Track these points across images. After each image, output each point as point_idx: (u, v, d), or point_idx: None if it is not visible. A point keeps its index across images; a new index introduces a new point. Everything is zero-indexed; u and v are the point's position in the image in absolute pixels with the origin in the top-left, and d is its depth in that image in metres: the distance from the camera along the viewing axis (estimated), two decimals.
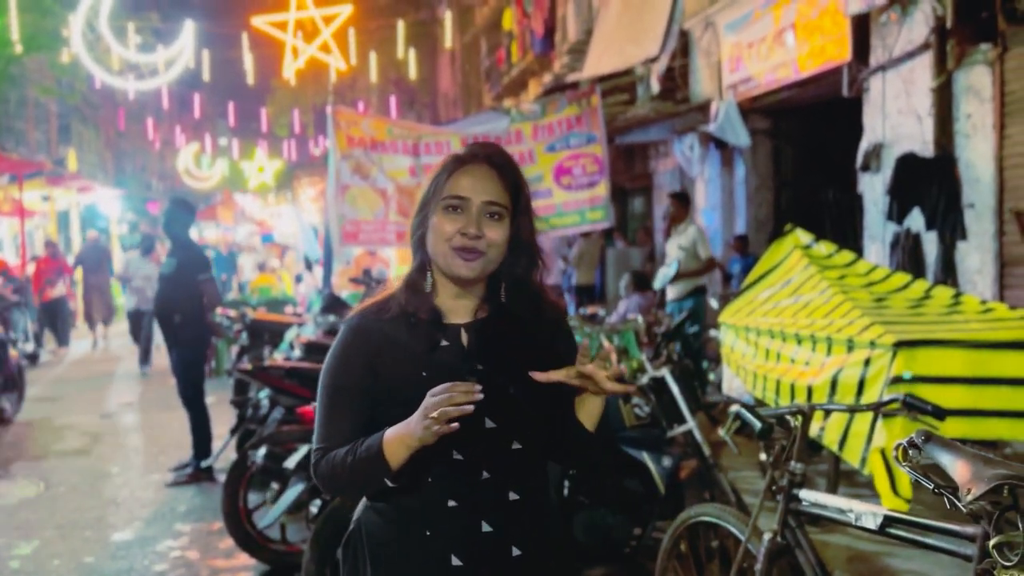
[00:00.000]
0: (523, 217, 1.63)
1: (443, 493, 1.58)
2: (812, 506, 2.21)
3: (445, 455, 1.55)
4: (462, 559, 1.57)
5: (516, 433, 1.60)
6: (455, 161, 1.62)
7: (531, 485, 1.64)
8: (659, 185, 13.06)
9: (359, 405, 1.61)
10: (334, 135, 7.61)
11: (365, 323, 1.65)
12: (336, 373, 1.63)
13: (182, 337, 5.89)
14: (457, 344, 1.62)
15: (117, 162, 35.21)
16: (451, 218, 1.57)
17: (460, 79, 27.01)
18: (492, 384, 1.55)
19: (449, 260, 1.58)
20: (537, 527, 1.64)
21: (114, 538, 4.81)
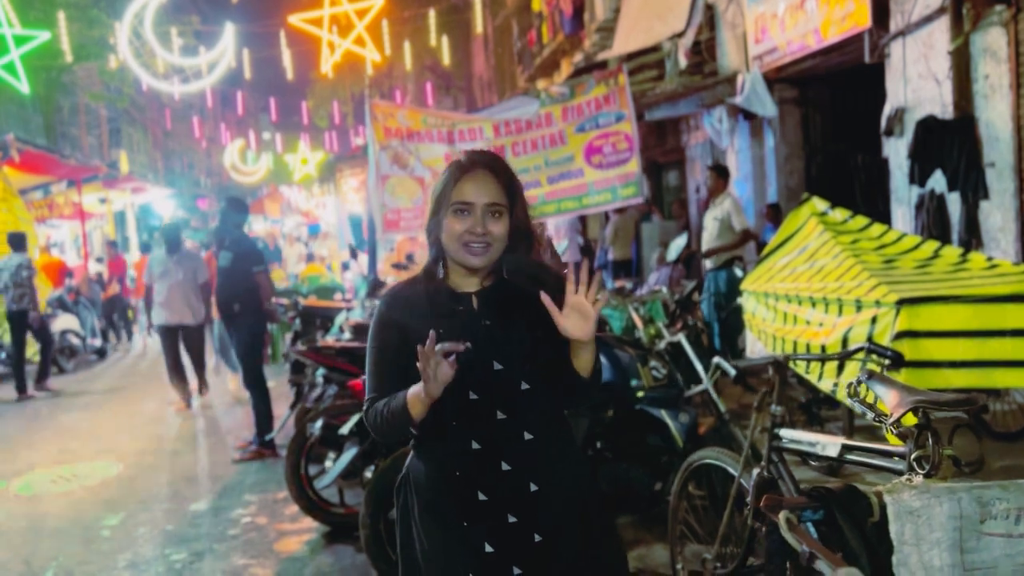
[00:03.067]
0: (518, 210, 1.97)
1: (467, 436, 1.92)
2: (790, 442, 2.53)
3: (462, 395, 1.89)
4: (487, 495, 1.90)
5: (522, 374, 1.93)
6: (458, 169, 1.96)
7: (544, 425, 1.96)
8: (691, 158, 13.23)
9: (396, 361, 1.96)
10: (372, 127, 7.98)
11: (395, 297, 2.03)
12: (377, 336, 2.01)
13: (242, 325, 6.38)
14: (469, 307, 1.97)
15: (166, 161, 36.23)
16: (460, 220, 1.92)
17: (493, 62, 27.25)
18: (497, 334, 1.92)
19: (462, 254, 1.93)
20: (552, 465, 1.95)
21: (191, 508, 5.31)
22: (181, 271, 8.24)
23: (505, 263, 1.96)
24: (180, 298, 8.24)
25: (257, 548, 4.54)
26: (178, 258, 8.34)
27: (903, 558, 1.51)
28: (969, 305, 4.01)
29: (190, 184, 36.22)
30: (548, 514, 1.92)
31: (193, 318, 8.34)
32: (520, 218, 1.97)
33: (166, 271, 8.26)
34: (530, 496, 1.91)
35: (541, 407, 1.96)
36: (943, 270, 4.63)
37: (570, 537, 1.94)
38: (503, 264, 1.96)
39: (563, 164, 8.21)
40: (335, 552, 4.41)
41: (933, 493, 1.54)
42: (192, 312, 8.31)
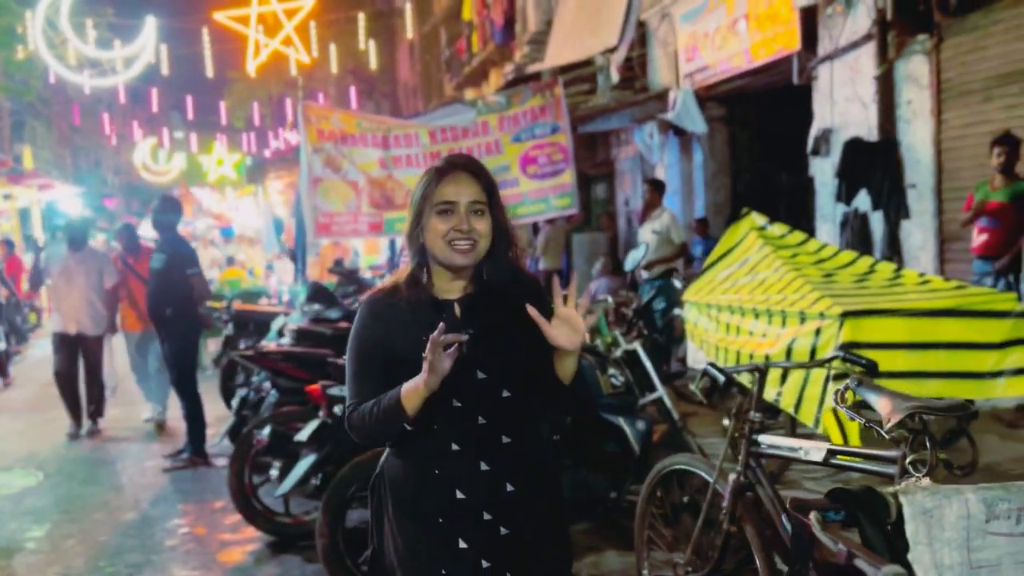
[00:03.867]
0: (497, 210, 2.01)
1: (447, 438, 1.95)
2: (769, 448, 2.60)
3: (446, 403, 1.92)
4: (465, 493, 1.94)
5: (504, 382, 1.97)
6: (437, 173, 1.98)
7: (522, 430, 2.00)
8: (620, 172, 13.46)
9: (379, 367, 1.98)
10: (304, 129, 7.84)
11: (378, 303, 2.03)
12: (359, 342, 2.02)
13: (174, 330, 6.15)
14: (451, 316, 1.99)
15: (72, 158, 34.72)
16: (444, 219, 1.94)
17: (420, 69, 27.17)
18: (480, 343, 1.94)
19: (448, 253, 1.95)
20: (527, 467, 2.01)
21: (123, 519, 5.08)
22: (84, 272, 7.17)
23: (486, 268, 2.00)
24: (81, 303, 7.16)
25: (199, 559, 4.38)
26: (81, 257, 7.26)
27: (917, 556, 1.58)
28: (907, 319, 4.21)
29: (97, 182, 34.79)
30: (520, 512, 1.98)
31: (94, 327, 7.27)
32: (499, 217, 2.01)
33: (66, 271, 7.18)
34: (506, 496, 1.96)
35: (520, 414, 2.00)
36: (880, 285, 4.84)
37: (532, 533, 2.00)
38: (484, 269, 2.00)
39: (499, 173, 8.22)
40: (282, 562, 4.29)
41: (944, 494, 1.61)
42: (94, 320, 7.25)
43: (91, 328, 7.27)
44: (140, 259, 7.39)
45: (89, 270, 7.21)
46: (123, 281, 7.44)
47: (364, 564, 3.68)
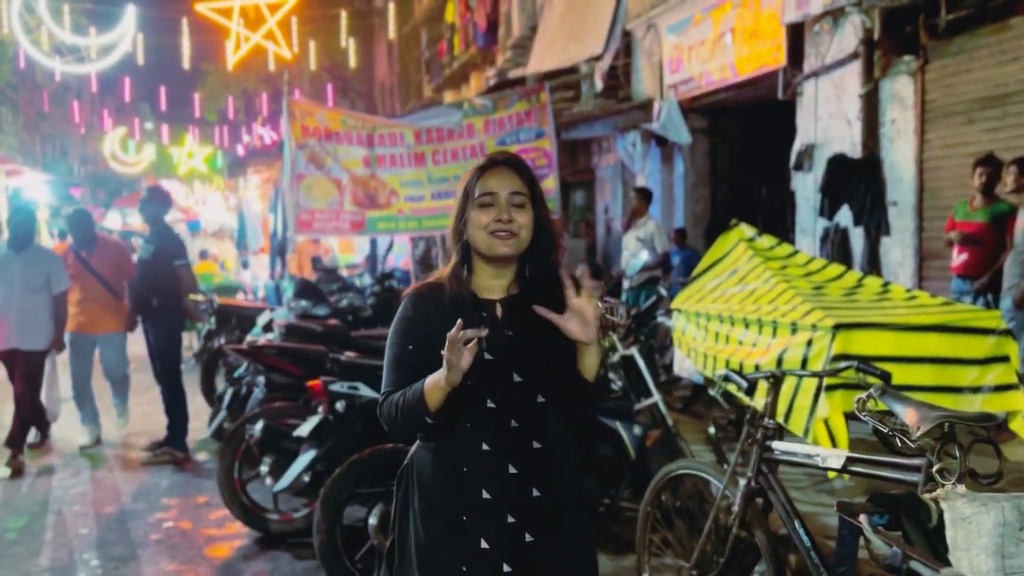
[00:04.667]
0: (540, 206, 2.03)
1: (478, 438, 1.96)
2: (784, 454, 2.64)
3: (480, 403, 1.93)
4: (491, 494, 1.95)
5: (540, 387, 1.98)
6: (479, 169, 2.03)
7: (553, 437, 2.01)
8: (601, 179, 13.54)
9: (415, 359, 1.99)
10: (289, 125, 7.80)
11: (420, 297, 2.05)
12: (399, 333, 2.04)
13: (159, 320, 6.08)
14: (492, 315, 2.01)
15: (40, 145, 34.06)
16: (486, 211, 1.97)
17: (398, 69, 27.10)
18: (519, 346, 1.97)
19: (489, 243, 1.97)
20: (555, 474, 2.01)
21: (105, 511, 5.01)
22: (26, 275, 5.94)
23: (528, 266, 2.02)
24: (23, 311, 5.94)
25: (186, 553, 4.33)
26: (27, 257, 6.01)
27: (955, 561, 1.62)
28: (895, 332, 4.29)
29: (64, 171, 34.16)
30: (545, 519, 1.98)
31: (37, 341, 6.02)
32: (542, 214, 2.03)
33: (5, 271, 5.95)
34: (532, 501, 1.97)
35: (553, 418, 2.02)
36: (869, 299, 4.93)
37: (557, 542, 2.00)
38: (528, 259, 2.01)
39: None
40: (272, 559, 4.25)
41: (981, 501, 1.66)
42: (37, 332, 6.01)
43: (34, 342, 6.01)
44: (95, 252, 6.47)
45: (32, 273, 5.97)
46: (74, 278, 6.32)
47: (361, 561, 3.67)
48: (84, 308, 6.40)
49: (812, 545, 2.48)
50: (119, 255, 6.70)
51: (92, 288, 6.41)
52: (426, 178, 8.35)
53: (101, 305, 6.45)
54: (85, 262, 6.43)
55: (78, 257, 6.46)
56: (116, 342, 6.60)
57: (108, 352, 6.58)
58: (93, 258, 6.47)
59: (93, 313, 6.43)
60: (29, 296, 5.96)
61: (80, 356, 6.51)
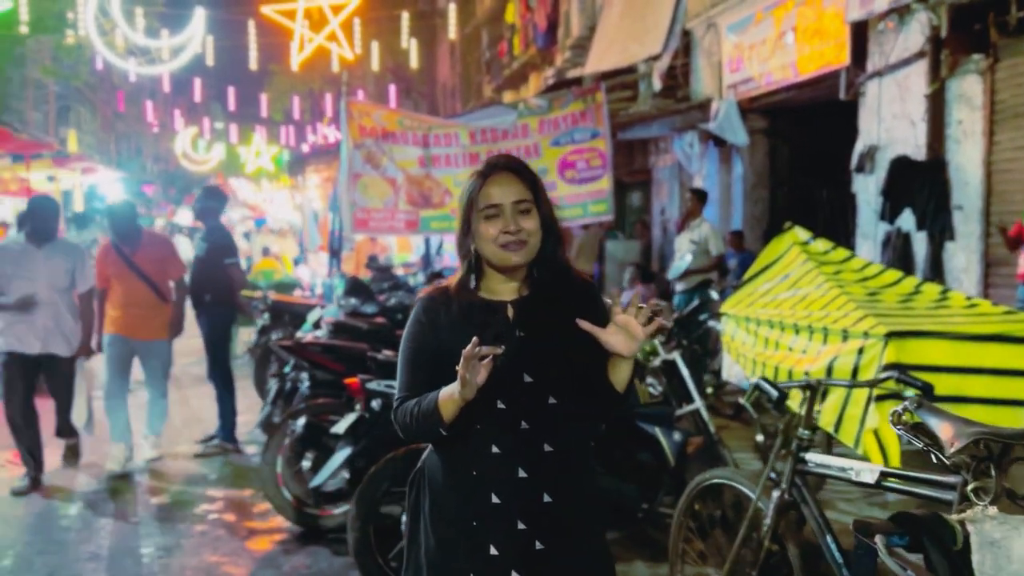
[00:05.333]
0: (544, 206, 1.99)
1: (488, 440, 1.93)
2: (817, 466, 2.55)
3: (490, 404, 1.90)
4: (500, 498, 1.91)
5: (551, 388, 1.94)
6: (480, 176, 1.97)
7: (566, 440, 1.97)
8: (658, 180, 13.39)
9: (429, 363, 1.98)
10: (347, 125, 7.90)
11: (434, 301, 2.03)
12: (411, 337, 2.02)
13: (211, 316, 6.22)
14: (503, 317, 1.98)
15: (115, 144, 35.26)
16: (492, 223, 1.93)
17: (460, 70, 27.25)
18: (530, 348, 1.94)
19: (500, 255, 1.94)
20: (568, 480, 1.96)
21: (154, 501, 5.14)
22: (50, 271, 5.39)
23: (536, 268, 1.99)
24: (49, 312, 5.37)
25: (228, 546, 4.41)
26: (49, 252, 5.42)
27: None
28: (952, 342, 4.12)
29: (137, 169, 35.30)
30: (557, 525, 1.94)
31: (64, 345, 5.49)
32: (546, 213, 1.99)
33: (25, 268, 5.34)
34: (542, 506, 1.93)
35: (566, 421, 1.97)
36: (925, 306, 4.75)
37: (570, 549, 1.96)
38: (535, 269, 1.98)
39: None
40: (311, 554, 4.30)
41: (1012, 525, 1.56)
42: (63, 336, 5.47)
43: (61, 347, 5.49)
44: (138, 248, 5.80)
45: (56, 271, 5.42)
46: (117, 276, 5.73)
47: (394, 560, 3.68)
48: (126, 310, 5.74)
49: (845, 562, 2.39)
50: (165, 252, 6.00)
51: (135, 288, 5.74)
52: None
53: (144, 308, 5.77)
54: (127, 259, 5.76)
55: (120, 253, 5.78)
56: (159, 350, 5.92)
57: (149, 360, 5.92)
58: (136, 255, 5.80)
59: (135, 316, 5.74)
60: (55, 295, 5.40)
61: (116, 361, 5.78)
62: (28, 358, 5.41)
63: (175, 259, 6.05)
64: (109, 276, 5.77)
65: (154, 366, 5.96)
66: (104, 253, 5.88)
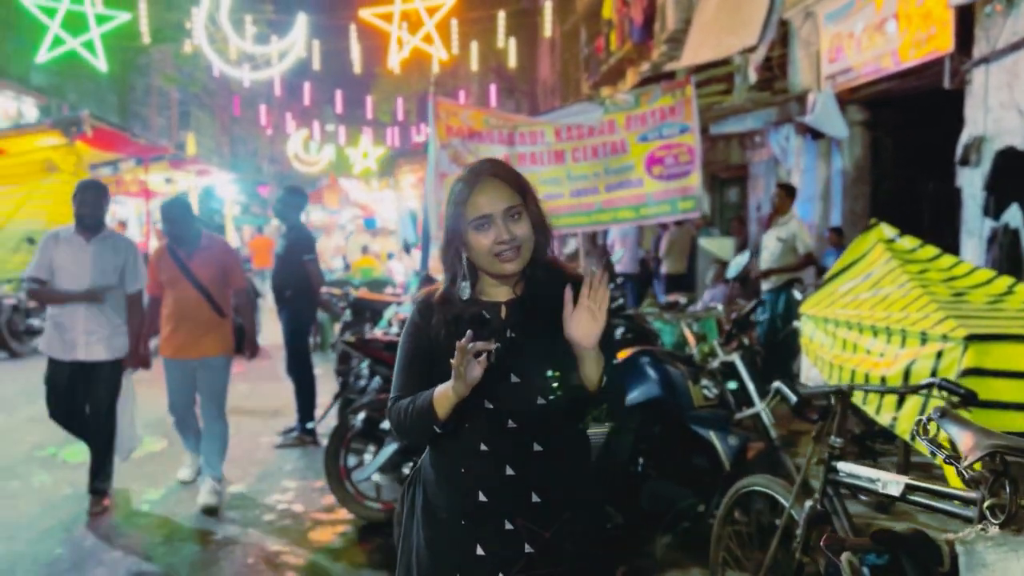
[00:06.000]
0: (532, 207, 1.95)
1: (476, 438, 1.91)
2: (848, 476, 2.41)
3: (478, 403, 1.87)
4: (487, 496, 1.90)
5: (539, 390, 1.90)
6: (466, 185, 1.93)
7: (556, 440, 1.93)
8: (754, 175, 13.00)
9: (422, 365, 1.98)
10: (434, 125, 8.00)
11: (428, 303, 2.02)
12: (407, 339, 2.03)
13: (291, 310, 6.43)
14: (496, 318, 1.96)
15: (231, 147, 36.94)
16: (483, 234, 1.89)
17: (559, 67, 27.21)
18: (520, 348, 1.91)
19: (496, 265, 1.91)
20: (558, 479, 1.92)
21: (229, 490, 5.34)
22: (98, 267, 4.84)
23: (528, 268, 1.95)
24: (93, 313, 4.83)
25: (291, 536, 4.54)
26: (99, 245, 4.87)
27: None
28: None
29: (252, 170, 36.88)
30: (545, 527, 1.90)
31: (108, 351, 4.90)
32: (535, 215, 1.95)
33: (71, 263, 4.80)
34: (530, 506, 1.90)
35: (555, 422, 1.94)
36: (1017, 308, 4.42)
37: (561, 554, 1.91)
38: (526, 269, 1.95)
39: (623, 173, 8.12)
40: (368, 546, 4.38)
41: (1011, 547, 1.43)
42: (110, 340, 4.90)
43: (105, 353, 4.90)
44: (195, 253, 5.09)
45: (104, 265, 4.86)
46: (170, 283, 5.06)
47: None
48: (178, 325, 5.05)
49: None
50: (226, 260, 5.24)
51: (188, 298, 5.04)
52: (565, 175, 8.32)
53: (198, 322, 5.05)
54: (182, 264, 5.05)
55: (175, 257, 5.07)
56: (214, 368, 5.14)
57: (203, 379, 5.17)
58: (193, 261, 5.08)
59: (188, 332, 5.05)
60: (103, 295, 4.86)
61: (178, 384, 5.20)
62: (67, 365, 4.83)
63: (237, 268, 5.36)
64: (162, 282, 5.10)
65: (211, 387, 5.19)
66: (158, 256, 5.16)
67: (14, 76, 17.02)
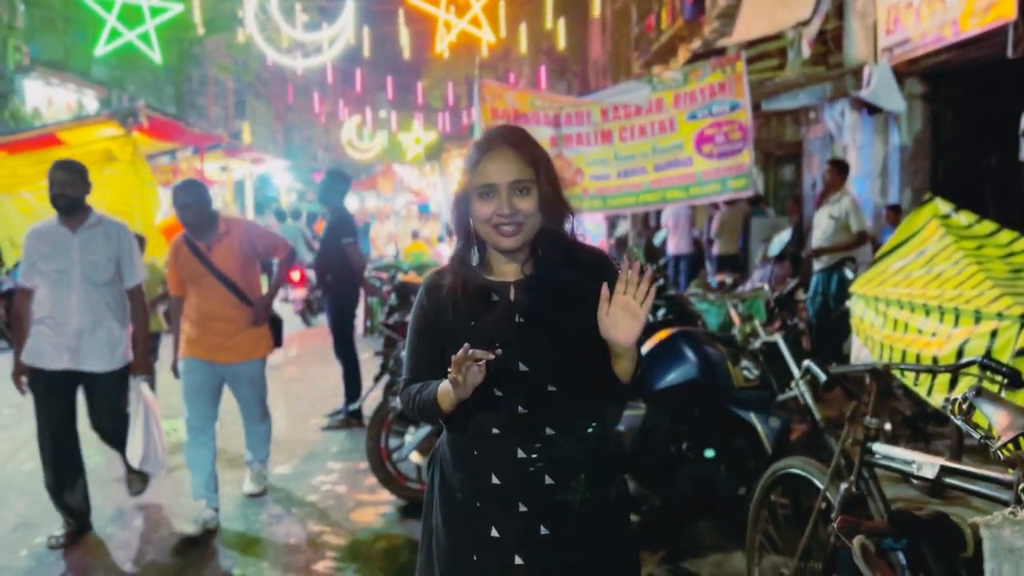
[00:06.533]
0: (545, 183, 1.86)
1: (487, 423, 1.88)
2: (883, 458, 2.32)
3: (488, 391, 1.81)
4: (499, 479, 1.86)
5: (549, 377, 1.85)
6: (478, 150, 1.87)
7: (569, 423, 1.88)
8: (809, 152, 12.68)
9: (432, 346, 1.94)
10: (480, 107, 7.96)
11: (436, 282, 1.98)
12: (415, 322, 2.00)
13: (334, 295, 6.49)
14: (505, 300, 1.90)
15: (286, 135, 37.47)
16: (486, 203, 1.84)
17: (610, 47, 26.89)
18: (529, 334, 1.84)
19: (493, 237, 1.86)
20: (573, 463, 1.87)
21: (276, 471, 5.43)
22: (86, 260, 4.16)
23: (539, 247, 1.89)
24: (84, 314, 4.15)
25: (333, 516, 4.60)
26: (86, 234, 4.19)
27: None
28: None
29: (307, 158, 37.37)
30: (559, 511, 1.86)
31: (107, 359, 4.24)
32: (548, 190, 1.87)
33: (55, 259, 4.14)
34: (543, 488, 1.86)
35: (567, 408, 1.88)
36: None
37: (578, 537, 1.87)
38: (539, 248, 1.89)
39: (671, 152, 7.97)
40: (408, 527, 4.41)
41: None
42: (101, 346, 4.22)
43: (101, 362, 4.23)
44: (216, 242, 4.45)
45: (92, 257, 4.17)
46: (193, 280, 4.44)
47: None
48: (206, 326, 4.45)
49: None
50: (246, 241, 4.53)
51: (215, 295, 4.43)
52: (613, 156, 8.21)
53: (228, 321, 4.46)
54: (203, 257, 4.41)
55: (193, 250, 4.42)
56: (250, 374, 4.64)
57: (240, 388, 4.69)
58: (215, 251, 4.43)
59: (219, 333, 4.46)
60: (94, 292, 4.16)
61: (198, 392, 4.45)
62: (55, 376, 4.13)
63: (266, 237, 4.82)
64: (183, 280, 4.46)
65: (248, 394, 4.72)
66: (175, 250, 4.48)
67: (75, 70, 17.50)
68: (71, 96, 17.35)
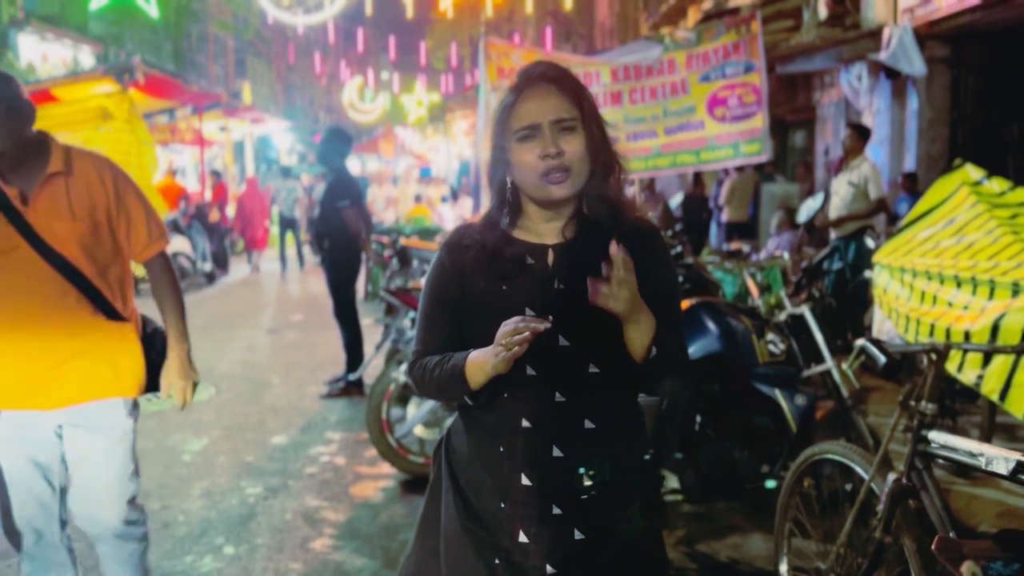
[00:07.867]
0: (591, 123, 1.63)
1: (517, 412, 1.63)
2: (941, 448, 2.10)
3: (519, 369, 1.57)
4: (531, 480, 1.62)
5: (591, 355, 1.62)
6: (513, 91, 1.64)
7: (611, 416, 1.65)
8: (822, 118, 12.35)
9: (451, 315, 1.70)
10: (485, 67, 7.65)
11: (459, 241, 1.73)
12: (432, 287, 1.74)
13: (332, 261, 6.25)
14: (543, 264, 1.66)
15: (287, 95, 36.97)
16: (528, 147, 1.60)
17: (617, 8, 26.33)
18: (569, 304, 1.59)
19: (542, 187, 1.61)
20: (613, 461, 1.65)
21: (272, 441, 5.24)
22: None
23: (585, 202, 1.65)
24: None
25: (332, 490, 4.41)
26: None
27: None
28: None
29: (309, 119, 36.88)
30: (598, 513, 1.64)
31: None
32: (595, 132, 1.63)
33: None
34: (582, 490, 1.63)
35: (611, 394, 1.65)
36: None
37: (614, 540, 1.66)
38: (584, 203, 1.65)
39: (683, 115, 7.68)
40: (410, 503, 4.22)
41: None
42: None
43: None
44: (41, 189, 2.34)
45: None
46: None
47: None
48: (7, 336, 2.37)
49: None
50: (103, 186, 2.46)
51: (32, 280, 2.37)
52: (622, 118, 7.92)
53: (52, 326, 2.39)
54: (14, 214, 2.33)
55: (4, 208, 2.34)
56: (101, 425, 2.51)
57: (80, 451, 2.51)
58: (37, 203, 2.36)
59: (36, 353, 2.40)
60: None
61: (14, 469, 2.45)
62: None
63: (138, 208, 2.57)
64: None
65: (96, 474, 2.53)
66: None
67: (71, 25, 17.07)
68: (66, 52, 16.92)
